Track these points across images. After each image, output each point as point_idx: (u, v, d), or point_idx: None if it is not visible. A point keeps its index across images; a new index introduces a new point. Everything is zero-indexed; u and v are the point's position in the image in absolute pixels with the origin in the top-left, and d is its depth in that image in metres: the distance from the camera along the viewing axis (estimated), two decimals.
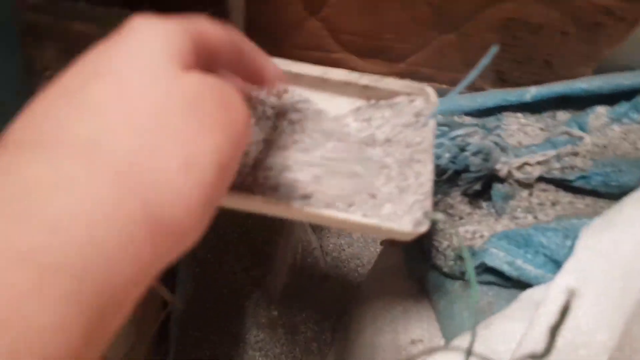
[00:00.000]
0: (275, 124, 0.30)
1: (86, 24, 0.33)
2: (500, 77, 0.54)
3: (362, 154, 0.30)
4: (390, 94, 0.31)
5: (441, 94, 0.58)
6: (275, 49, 0.57)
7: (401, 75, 0.57)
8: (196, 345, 0.67)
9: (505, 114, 0.51)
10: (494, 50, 0.27)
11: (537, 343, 0.27)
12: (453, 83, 0.56)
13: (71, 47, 0.35)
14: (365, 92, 0.32)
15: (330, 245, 0.81)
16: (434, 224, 0.46)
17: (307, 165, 0.29)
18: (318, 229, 0.81)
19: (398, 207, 0.28)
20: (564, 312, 0.18)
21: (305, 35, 0.54)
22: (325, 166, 0.30)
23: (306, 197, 0.28)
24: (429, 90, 0.31)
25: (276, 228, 0.73)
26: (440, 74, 0.56)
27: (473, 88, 0.56)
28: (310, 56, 0.57)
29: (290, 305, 0.70)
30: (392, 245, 0.59)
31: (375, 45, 0.54)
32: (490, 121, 0.51)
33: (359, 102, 0.32)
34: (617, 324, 0.29)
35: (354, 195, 0.29)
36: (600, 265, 0.30)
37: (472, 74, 0.30)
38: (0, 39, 0.23)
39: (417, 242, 0.49)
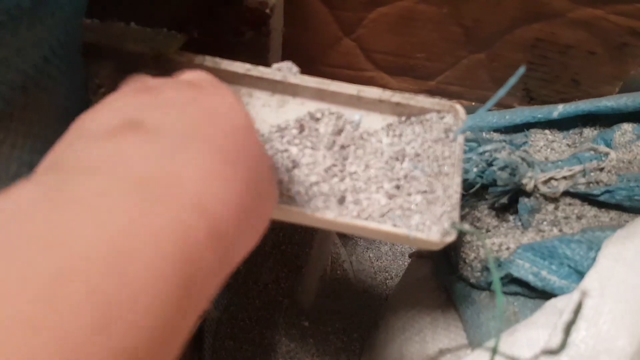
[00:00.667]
0: (309, 139, 0.33)
1: (137, 44, 0.37)
2: (528, 95, 0.55)
3: (393, 168, 0.32)
4: (421, 111, 0.33)
5: (469, 111, 0.60)
6: (311, 67, 0.60)
7: (430, 92, 0.59)
8: (229, 353, 0.70)
9: (532, 130, 0.53)
10: (522, 70, 0.29)
11: (553, 340, 0.29)
12: (481, 100, 0.58)
13: (123, 66, 0.38)
14: (397, 109, 0.34)
15: (359, 258, 0.83)
16: (461, 236, 0.48)
17: (341, 177, 0.31)
18: (347, 242, 0.83)
19: (426, 218, 0.30)
20: (577, 310, 0.20)
21: (340, 54, 0.56)
22: (358, 179, 0.32)
23: (339, 207, 0.30)
24: (458, 107, 0.33)
25: (307, 241, 0.76)
26: (469, 92, 0.57)
27: (502, 105, 0.57)
28: (343, 74, 0.59)
29: (321, 316, 0.72)
30: (420, 258, 0.61)
31: (406, 64, 0.56)
32: (518, 137, 0.53)
33: (391, 119, 0.34)
34: (637, 329, 0.30)
35: (384, 207, 0.31)
36: (621, 273, 0.31)
37: (501, 92, 0.31)
38: (72, 58, 0.26)
39: (445, 254, 0.50)
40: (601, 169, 0.43)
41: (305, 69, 0.61)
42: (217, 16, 0.38)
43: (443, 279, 0.51)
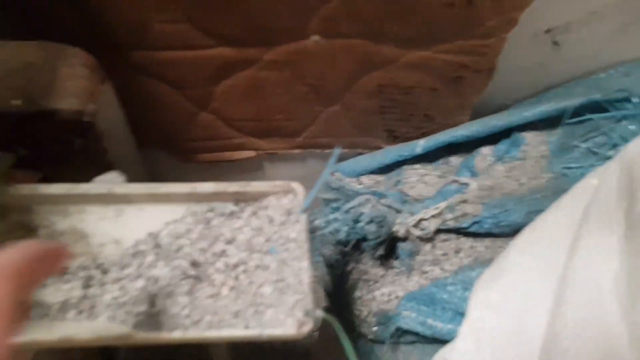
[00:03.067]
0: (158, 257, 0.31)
1: None
2: (391, 135, 0.56)
3: (242, 262, 0.30)
4: (262, 195, 0.32)
5: (340, 158, 0.60)
6: (172, 145, 0.58)
7: (301, 147, 0.59)
8: None
9: (404, 167, 0.54)
10: (337, 151, 0.30)
11: None
12: (350, 146, 0.58)
13: None
14: (238, 197, 0.32)
15: None
16: (351, 293, 0.47)
17: (190, 287, 0.30)
18: None
19: (279, 311, 0.29)
20: None
21: (201, 128, 0.55)
22: (209, 283, 0.30)
23: (185, 325, 0.29)
24: (296, 186, 0.32)
25: None
26: (337, 141, 0.58)
27: (371, 147, 0.58)
28: (211, 145, 0.58)
29: None
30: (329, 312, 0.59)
31: (269, 126, 0.56)
32: (393, 176, 0.53)
33: (233, 208, 0.32)
34: None
35: (235, 306, 0.29)
36: (492, 320, 0.31)
37: (324, 176, 0.32)
38: None
39: (340, 312, 0.49)
40: (465, 201, 0.44)
41: (170, 148, 0.60)
42: (37, 132, 0.35)
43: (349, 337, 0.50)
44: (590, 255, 0.29)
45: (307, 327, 0.29)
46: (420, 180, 0.52)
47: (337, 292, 0.51)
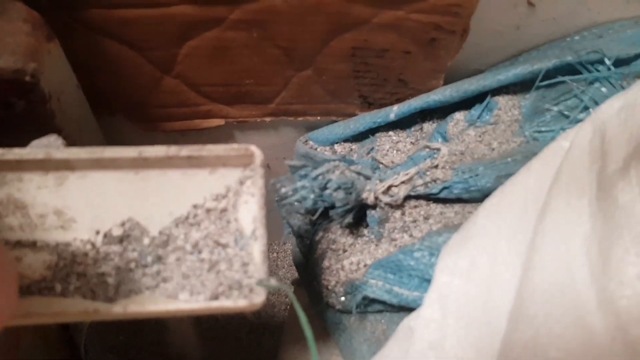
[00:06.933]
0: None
1: None
2: (366, 101, 0.55)
3: (194, 232, 0.29)
4: (217, 160, 0.31)
5: (316, 125, 0.58)
6: (141, 112, 0.56)
7: (274, 115, 0.57)
8: None
9: (378, 134, 0.52)
10: None
11: None
12: (324, 113, 0.57)
13: None
14: (193, 162, 0.30)
15: None
16: (320, 263, 0.46)
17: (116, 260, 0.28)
18: None
19: (231, 281, 0.28)
20: None
21: (166, 94, 0.53)
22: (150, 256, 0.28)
23: (127, 294, 0.27)
24: (253, 148, 0.30)
25: None
26: (310, 108, 0.56)
27: (346, 114, 0.57)
28: (175, 113, 0.56)
29: None
30: (299, 286, 0.58)
31: (239, 92, 0.54)
32: (366, 143, 0.52)
33: (189, 172, 0.31)
34: (481, 343, 0.29)
35: (182, 278, 0.28)
36: (459, 286, 0.30)
37: None
38: None
39: (310, 283, 0.48)
40: (435, 167, 0.43)
41: (132, 115, 0.57)
42: None
43: (316, 307, 0.49)
44: (560, 218, 0.28)
45: (260, 298, 0.27)
46: (393, 147, 0.51)
47: (307, 263, 0.50)
